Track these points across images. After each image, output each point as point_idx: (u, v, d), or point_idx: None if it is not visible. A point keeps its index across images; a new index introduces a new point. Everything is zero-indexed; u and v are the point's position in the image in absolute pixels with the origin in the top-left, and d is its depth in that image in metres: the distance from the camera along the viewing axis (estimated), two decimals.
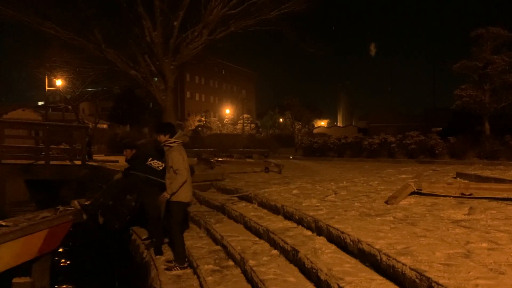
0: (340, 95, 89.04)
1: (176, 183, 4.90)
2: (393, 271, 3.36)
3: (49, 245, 5.15)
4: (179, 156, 4.94)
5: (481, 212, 5.30)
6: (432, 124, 32.50)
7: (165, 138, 5.02)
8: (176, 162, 4.90)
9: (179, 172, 4.88)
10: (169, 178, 4.99)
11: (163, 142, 5.05)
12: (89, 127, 24.32)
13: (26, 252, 4.83)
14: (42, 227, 4.95)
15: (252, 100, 74.30)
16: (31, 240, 4.83)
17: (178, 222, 5.13)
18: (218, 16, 12.47)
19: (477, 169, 11.39)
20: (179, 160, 4.91)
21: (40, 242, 4.97)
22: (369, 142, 20.04)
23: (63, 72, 22.12)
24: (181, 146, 5.08)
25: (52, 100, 39.73)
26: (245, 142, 32.27)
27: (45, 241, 5.03)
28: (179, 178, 4.89)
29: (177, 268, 5.09)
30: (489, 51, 18.61)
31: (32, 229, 4.81)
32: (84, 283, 6.45)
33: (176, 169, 4.89)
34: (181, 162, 4.91)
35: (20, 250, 4.69)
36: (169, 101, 13.11)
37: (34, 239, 4.87)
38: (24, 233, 4.68)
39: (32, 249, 4.92)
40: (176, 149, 4.99)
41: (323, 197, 6.97)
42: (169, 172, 5.00)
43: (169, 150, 5.00)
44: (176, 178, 4.89)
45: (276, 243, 4.97)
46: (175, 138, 5.02)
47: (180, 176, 4.88)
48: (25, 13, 11.51)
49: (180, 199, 5.00)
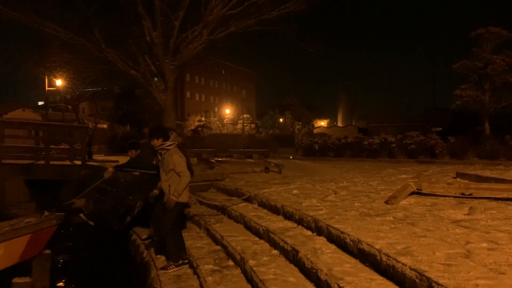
0: (340, 95, 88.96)
1: (181, 186, 4.92)
2: (393, 271, 3.36)
3: (32, 250, 5.06)
4: (180, 158, 4.96)
5: (481, 212, 5.30)
6: (432, 124, 32.49)
7: (159, 142, 4.99)
8: (178, 164, 4.92)
9: (183, 174, 4.91)
10: (167, 180, 5.00)
11: (158, 146, 5.03)
12: (89, 127, 24.33)
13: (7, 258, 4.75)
14: (24, 232, 4.86)
15: (252, 100, 74.31)
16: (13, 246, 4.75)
17: (174, 222, 5.13)
18: (218, 16, 12.47)
19: (477, 169, 11.38)
20: (181, 162, 4.94)
21: (22, 248, 4.89)
22: (369, 142, 20.04)
23: (63, 72, 22.11)
24: (177, 148, 5.09)
25: (52, 100, 39.74)
26: (245, 142, 32.26)
27: (27, 247, 4.94)
28: (183, 180, 4.91)
29: (172, 267, 5.10)
30: (489, 51, 18.63)
31: (13, 234, 4.72)
32: (84, 283, 6.45)
33: (179, 172, 4.91)
34: (183, 164, 4.94)
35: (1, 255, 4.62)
36: (169, 101, 13.12)
37: (16, 245, 4.79)
38: (5, 238, 4.60)
39: (14, 254, 4.84)
40: (175, 151, 5.00)
41: (323, 197, 6.97)
42: (166, 175, 5.00)
43: (167, 154, 5.00)
44: (181, 180, 4.91)
45: (276, 243, 4.97)
46: (171, 141, 5.01)
47: (184, 177, 4.91)
48: (25, 13, 11.51)
49: (180, 200, 5.02)
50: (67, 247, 7.54)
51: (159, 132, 5.08)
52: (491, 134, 17.77)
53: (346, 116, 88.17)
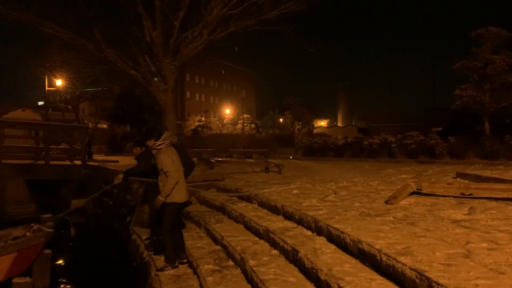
0: (340, 95, 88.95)
1: (168, 186, 4.90)
2: (393, 271, 3.36)
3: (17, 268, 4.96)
4: (167, 158, 4.94)
5: (481, 212, 5.30)
6: (432, 124, 32.49)
7: (152, 142, 5.05)
8: (165, 164, 4.92)
9: (169, 174, 4.89)
10: (161, 180, 5.00)
11: (150, 147, 5.09)
12: (89, 127, 24.34)
13: None
14: (10, 250, 4.77)
15: (252, 100, 74.27)
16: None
17: (170, 223, 5.09)
18: (218, 16, 12.46)
19: (477, 169, 11.39)
20: (168, 162, 4.92)
21: (7, 266, 4.81)
22: (369, 142, 20.05)
23: (63, 72, 22.15)
24: (169, 147, 5.08)
25: (52, 100, 39.70)
26: (245, 142, 32.26)
27: (13, 265, 4.86)
28: (170, 180, 4.89)
29: (168, 268, 5.10)
30: (489, 51, 18.62)
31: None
32: (84, 283, 6.45)
33: (166, 172, 4.91)
34: (170, 164, 4.92)
35: None
36: (169, 101, 13.11)
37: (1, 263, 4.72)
38: None
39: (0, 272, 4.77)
40: (164, 151, 4.99)
41: (323, 197, 6.97)
42: (161, 175, 5.02)
43: (157, 153, 5.02)
44: (168, 180, 4.90)
45: (276, 243, 4.97)
46: (161, 140, 5.02)
47: (171, 178, 4.89)
48: (25, 13, 11.51)
49: (173, 200, 4.99)
50: (67, 247, 7.54)
51: (150, 133, 5.14)
52: (491, 134, 17.77)
53: (346, 116, 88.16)
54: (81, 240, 8.13)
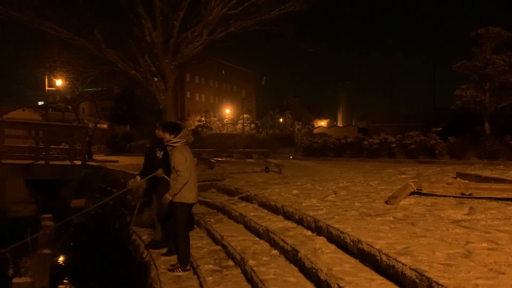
0: (340, 95, 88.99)
1: (177, 185, 4.84)
2: (393, 271, 3.36)
3: None
4: (181, 156, 4.88)
5: (481, 212, 5.30)
6: (432, 124, 32.49)
7: (170, 137, 4.97)
8: (178, 162, 4.86)
9: (180, 173, 4.83)
10: (173, 178, 4.95)
11: (166, 141, 5.02)
12: (89, 127, 24.36)
13: None
14: None
15: (252, 100, 74.22)
16: None
17: (183, 223, 5.02)
18: (218, 16, 12.46)
19: (477, 169, 11.38)
20: (181, 160, 4.86)
21: None
22: (369, 142, 20.03)
23: (63, 72, 22.11)
24: (184, 146, 5.01)
25: (52, 100, 39.74)
26: (245, 142, 32.28)
27: None
28: (180, 180, 4.83)
29: (179, 270, 5.06)
30: (489, 51, 18.59)
31: None
32: (84, 283, 6.45)
33: (177, 170, 4.85)
34: (183, 163, 4.85)
35: None
36: (169, 101, 13.10)
37: None
38: None
39: None
40: (179, 149, 4.93)
41: (323, 197, 6.97)
42: (173, 173, 4.96)
43: (172, 150, 4.97)
44: (177, 179, 4.85)
45: (276, 243, 4.97)
46: (178, 138, 4.96)
47: (181, 177, 4.82)
48: (25, 13, 11.50)
49: (182, 200, 4.93)
50: (67, 247, 7.53)
51: (174, 128, 5.02)
52: (491, 134, 17.76)
53: (346, 116, 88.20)
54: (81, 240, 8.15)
